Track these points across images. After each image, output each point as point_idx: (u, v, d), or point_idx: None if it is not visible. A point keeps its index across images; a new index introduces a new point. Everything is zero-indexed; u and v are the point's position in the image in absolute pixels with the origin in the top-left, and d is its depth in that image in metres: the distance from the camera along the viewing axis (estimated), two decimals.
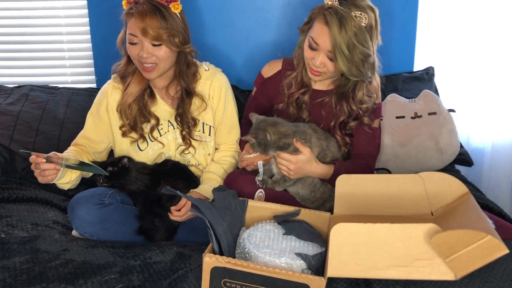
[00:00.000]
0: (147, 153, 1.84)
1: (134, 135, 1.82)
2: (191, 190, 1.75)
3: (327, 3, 1.63)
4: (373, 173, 1.85)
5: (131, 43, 1.70)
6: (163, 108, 1.85)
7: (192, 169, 1.89)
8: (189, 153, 1.87)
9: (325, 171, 1.68)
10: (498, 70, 2.45)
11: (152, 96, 1.84)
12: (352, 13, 1.58)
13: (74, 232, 1.67)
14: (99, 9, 2.41)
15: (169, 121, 1.86)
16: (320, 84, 1.83)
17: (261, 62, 1.97)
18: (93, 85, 2.55)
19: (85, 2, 2.46)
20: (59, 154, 1.63)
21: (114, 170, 1.71)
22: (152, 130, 1.83)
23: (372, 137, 1.83)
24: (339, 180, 1.51)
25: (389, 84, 2.42)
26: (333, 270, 1.18)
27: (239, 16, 2.43)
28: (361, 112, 1.77)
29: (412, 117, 2.19)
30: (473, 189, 2.07)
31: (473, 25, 2.44)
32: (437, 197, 1.44)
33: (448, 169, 2.22)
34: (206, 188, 1.76)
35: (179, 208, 1.67)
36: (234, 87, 2.35)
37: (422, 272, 1.16)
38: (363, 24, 1.58)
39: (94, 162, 1.79)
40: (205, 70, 1.88)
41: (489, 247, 1.12)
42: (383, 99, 2.25)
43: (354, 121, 1.79)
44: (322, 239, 1.38)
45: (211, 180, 1.82)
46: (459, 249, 1.13)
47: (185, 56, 1.80)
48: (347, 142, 1.81)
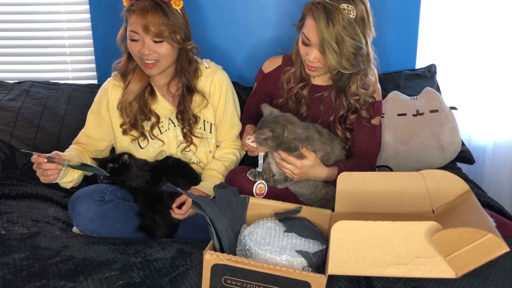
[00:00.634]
0: (147, 151, 1.84)
1: (134, 133, 1.82)
2: (192, 187, 1.75)
3: None
4: (374, 170, 1.85)
5: (132, 40, 1.70)
6: (163, 106, 1.85)
7: (193, 166, 1.88)
8: (190, 150, 1.87)
9: (330, 174, 1.68)
10: (501, 68, 2.45)
11: (152, 94, 1.84)
12: (340, 6, 1.57)
13: (75, 229, 1.67)
14: (101, 5, 2.41)
15: (169, 118, 1.85)
16: (319, 79, 1.83)
17: (263, 59, 1.97)
18: (94, 81, 2.55)
19: None
20: (61, 154, 1.63)
21: (114, 166, 1.71)
22: (152, 128, 1.83)
23: (372, 135, 1.83)
24: (340, 177, 1.51)
25: (391, 81, 2.41)
26: (334, 267, 1.18)
27: (242, 13, 2.42)
28: (358, 105, 1.77)
29: (414, 115, 2.18)
30: (475, 187, 2.07)
31: (475, 23, 2.43)
32: (438, 195, 1.44)
33: (450, 166, 2.22)
34: (207, 185, 1.76)
35: (179, 203, 1.67)
36: (236, 84, 2.35)
37: (423, 270, 1.16)
38: (351, 16, 1.58)
39: (94, 159, 1.79)
40: (206, 67, 1.88)
41: (489, 245, 1.12)
42: (384, 96, 2.24)
43: (353, 114, 1.79)
44: (323, 237, 1.38)
45: (212, 177, 1.82)
46: (460, 247, 1.13)
47: (186, 52, 1.80)
48: (347, 137, 1.81)
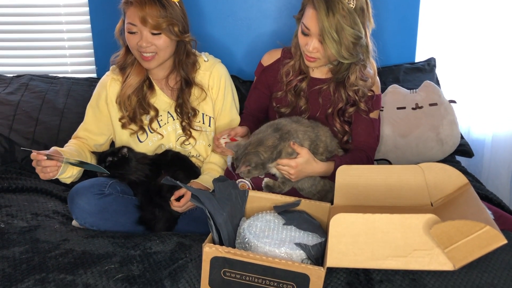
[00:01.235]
0: (146, 145, 1.84)
1: (133, 127, 1.82)
2: (192, 180, 1.75)
3: None
4: (372, 164, 1.85)
5: (130, 32, 1.70)
6: (162, 100, 1.85)
7: (193, 160, 1.88)
8: (190, 144, 1.87)
9: (326, 169, 1.67)
10: (500, 62, 2.45)
11: (151, 87, 1.84)
12: None
13: (74, 222, 1.67)
14: None
15: (168, 112, 1.85)
16: (318, 72, 1.83)
17: (262, 52, 1.96)
18: (93, 75, 2.55)
19: None
20: (60, 150, 1.63)
21: (114, 160, 1.71)
22: (151, 121, 1.83)
23: (371, 128, 1.82)
24: (339, 171, 1.51)
25: (390, 75, 2.41)
26: (333, 260, 1.18)
27: (241, 6, 2.41)
28: (357, 97, 1.77)
29: (413, 108, 2.18)
30: (473, 180, 2.07)
31: (475, 17, 2.42)
32: (437, 188, 1.44)
33: (449, 160, 2.22)
34: (206, 179, 1.76)
35: (178, 196, 1.67)
36: (235, 78, 2.35)
37: (421, 262, 1.17)
38: (351, 6, 1.57)
39: (94, 153, 1.79)
40: (205, 61, 1.88)
41: (487, 238, 1.12)
42: (384, 89, 2.24)
43: (352, 107, 1.79)
44: (322, 230, 1.38)
45: (211, 170, 1.82)
46: (458, 240, 1.13)
47: (184, 45, 1.80)
48: (346, 130, 1.81)
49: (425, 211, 1.40)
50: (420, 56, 2.52)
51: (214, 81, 1.88)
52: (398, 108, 2.19)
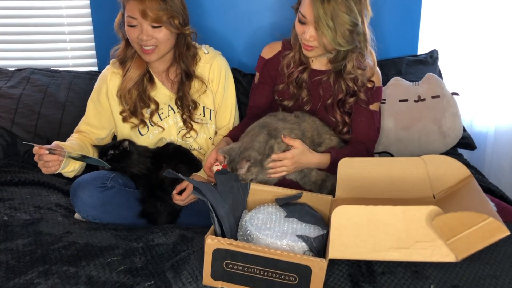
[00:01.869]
0: (147, 138, 1.84)
1: (134, 120, 1.83)
2: (193, 173, 1.75)
3: None
4: (372, 156, 1.84)
5: (130, 26, 1.70)
6: (163, 93, 1.85)
7: (194, 153, 1.88)
8: (191, 137, 1.87)
9: (322, 160, 1.66)
10: (503, 54, 2.43)
11: (151, 81, 1.84)
12: None
13: (77, 215, 1.67)
14: None
15: (169, 105, 1.85)
16: (318, 64, 1.82)
17: (264, 45, 1.94)
18: (95, 68, 2.54)
19: None
20: (62, 145, 1.63)
21: (115, 153, 1.71)
22: (152, 115, 1.83)
23: (371, 120, 1.81)
24: (341, 163, 1.51)
25: (393, 67, 2.40)
26: (335, 252, 1.18)
27: None
28: (356, 87, 1.76)
29: (416, 101, 2.17)
30: (476, 172, 2.07)
31: (477, 9, 2.41)
32: (439, 180, 1.44)
33: (451, 152, 2.22)
34: None
35: (180, 190, 1.67)
36: (236, 71, 2.34)
37: (423, 254, 1.16)
38: None
39: (95, 146, 1.80)
40: (205, 53, 1.88)
41: (490, 229, 1.12)
42: (386, 82, 2.24)
43: (352, 97, 1.78)
44: (323, 222, 1.38)
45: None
46: (460, 231, 1.13)
47: (184, 38, 1.80)
48: (346, 121, 1.80)
49: (427, 203, 1.39)
50: (423, 49, 2.50)
51: (214, 73, 1.88)
52: (400, 101, 2.18)
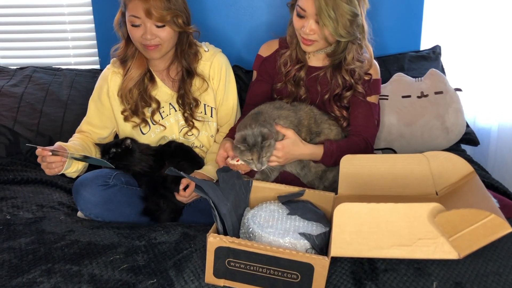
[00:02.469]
0: (149, 136, 1.84)
1: (135, 119, 1.83)
2: (195, 171, 1.75)
3: None
4: (372, 150, 1.83)
5: (134, 25, 1.69)
6: (164, 91, 1.85)
7: (196, 150, 1.88)
8: (193, 134, 1.87)
9: (314, 151, 1.65)
10: (506, 50, 2.42)
11: (152, 80, 1.84)
12: None
13: (80, 214, 1.68)
14: None
15: (170, 103, 1.85)
16: (315, 60, 1.82)
17: (265, 42, 1.94)
18: (97, 66, 2.55)
19: None
20: (64, 145, 1.63)
21: (117, 151, 1.72)
22: (153, 114, 1.83)
23: (369, 112, 1.79)
24: (343, 160, 1.51)
25: (395, 63, 2.40)
26: (337, 249, 1.18)
27: None
28: (353, 80, 1.75)
29: (418, 96, 2.17)
30: (479, 168, 2.06)
31: (480, 4, 2.40)
32: (442, 177, 1.43)
33: (454, 148, 2.21)
34: (210, 169, 1.76)
35: (183, 186, 1.67)
36: (238, 67, 2.34)
37: (426, 251, 1.16)
38: None
39: (98, 144, 1.80)
40: (205, 51, 1.88)
41: (492, 226, 1.12)
42: (389, 78, 2.23)
43: (348, 91, 1.77)
44: (326, 219, 1.38)
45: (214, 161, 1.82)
46: (462, 228, 1.13)
47: (187, 36, 1.79)
48: (344, 115, 1.79)
49: (430, 200, 1.39)
50: (425, 44, 2.50)
51: (215, 71, 1.87)
52: (403, 97, 2.18)
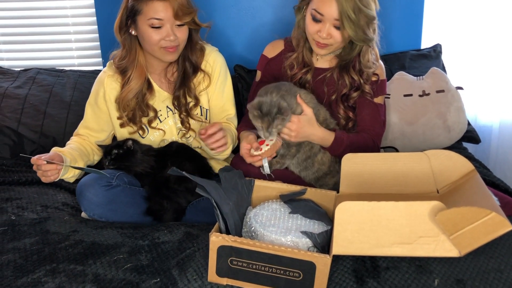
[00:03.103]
0: (148, 140, 1.84)
1: (133, 126, 1.81)
2: None
3: None
4: (378, 150, 1.84)
5: (154, 27, 1.65)
6: (160, 95, 1.83)
7: (198, 150, 1.88)
8: (190, 136, 1.86)
9: (326, 135, 1.67)
10: (507, 47, 2.42)
11: (150, 87, 1.81)
12: None
13: (83, 214, 1.68)
14: None
15: (167, 106, 1.83)
16: (322, 62, 1.82)
17: (266, 42, 1.94)
18: (100, 67, 2.55)
19: None
20: (59, 151, 1.64)
21: (119, 152, 1.72)
22: (150, 122, 1.82)
23: (376, 113, 1.81)
24: (345, 159, 1.51)
25: (396, 62, 2.40)
26: (339, 248, 1.19)
27: None
28: (362, 80, 1.76)
29: (420, 95, 2.17)
30: (480, 166, 2.06)
31: (481, 2, 2.40)
32: (442, 175, 1.44)
33: (456, 146, 2.21)
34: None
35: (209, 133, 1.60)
36: (240, 67, 2.35)
37: (427, 249, 1.17)
38: None
39: (100, 146, 1.81)
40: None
41: (493, 224, 1.12)
42: (390, 77, 2.23)
43: (356, 91, 1.78)
44: (328, 218, 1.39)
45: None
46: (463, 226, 1.14)
47: (196, 32, 1.78)
48: (350, 116, 1.80)
49: (431, 198, 1.39)
50: (426, 43, 2.50)
51: (211, 69, 1.84)
52: (405, 96, 2.18)
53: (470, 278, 1.20)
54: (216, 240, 1.19)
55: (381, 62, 1.82)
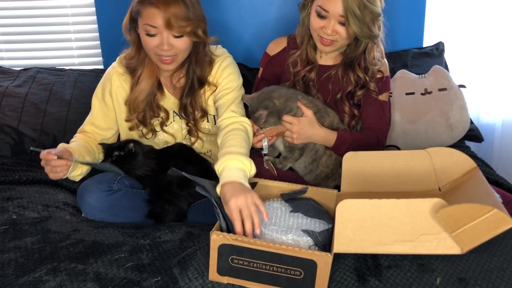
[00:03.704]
0: (152, 142, 1.81)
1: (143, 129, 1.77)
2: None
3: None
4: (383, 147, 1.84)
5: (149, 35, 1.58)
6: (168, 99, 1.78)
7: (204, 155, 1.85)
8: (197, 143, 1.81)
9: (328, 135, 1.68)
10: (510, 45, 2.41)
11: (160, 88, 1.75)
12: None
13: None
14: None
15: (174, 111, 1.78)
16: (326, 59, 1.82)
17: (268, 40, 1.95)
18: (100, 67, 2.56)
19: None
20: (67, 147, 1.61)
21: (120, 154, 1.70)
22: (162, 125, 1.77)
23: (381, 111, 1.81)
24: (346, 157, 1.51)
25: (398, 60, 2.40)
26: (340, 246, 1.18)
27: None
28: (367, 78, 1.76)
29: (422, 93, 2.17)
30: (483, 165, 2.06)
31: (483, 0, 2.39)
32: (444, 173, 1.43)
33: (458, 145, 2.21)
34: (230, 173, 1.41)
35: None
36: (242, 65, 2.34)
37: (428, 247, 1.16)
38: None
39: (102, 144, 1.78)
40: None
41: (495, 221, 1.11)
42: (392, 75, 2.23)
43: (361, 89, 1.78)
44: (329, 216, 1.38)
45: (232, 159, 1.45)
46: (465, 223, 1.13)
47: (203, 45, 1.69)
48: (355, 114, 1.80)
49: (433, 196, 1.38)
50: (428, 41, 2.50)
51: (218, 76, 1.74)
52: (407, 94, 2.18)
53: (472, 277, 1.20)
54: (217, 238, 1.19)
55: (384, 58, 1.82)
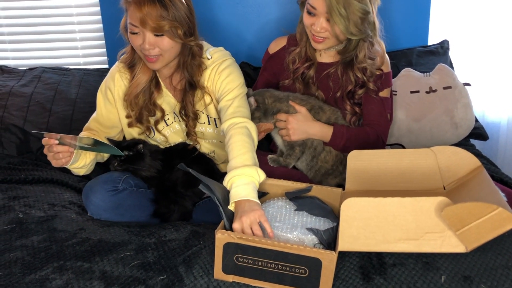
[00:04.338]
0: (154, 141, 1.82)
1: (140, 126, 1.78)
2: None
3: None
4: (383, 145, 1.84)
5: (132, 33, 1.58)
6: (168, 100, 1.77)
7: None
8: (197, 144, 1.81)
9: (324, 128, 1.69)
10: None
11: (158, 86, 1.75)
12: None
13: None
14: None
15: (174, 112, 1.78)
16: (326, 57, 1.82)
17: (272, 39, 1.95)
18: (105, 66, 2.56)
19: None
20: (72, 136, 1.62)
21: (129, 155, 1.70)
22: (156, 123, 1.77)
23: (381, 107, 1.80)
24: (351, 155, 1.50)
25: (403, 58, 2.39)
26: (344, 244, 1.19)
27: None
28: (365, 77, 1.75)
29: (427, 92, 2.16)
30: (488, 163, 2.05)
31: None
32: (449, 171, 1.43)
33: (463, 143, 2.20)
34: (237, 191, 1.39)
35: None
36: (246, 64, 2.35)
37: (433, 245, 1.16)
38: None
39: (110, 140, 1.76)
40: (208, 59, 1.72)
41: (500, 219, 1.12)
42: (397, 73, 2.22)
43: (361, 89, 1.77)
44: (334, 215, 1.39)
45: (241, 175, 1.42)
46: (469, 222, 1.13)
47: (189, 47, 1.66)
48: (356, 111, 1.80)
49: (437, 194, 1.39)
50: (433, 39, 2.49)
51: (215, 81, 1.71)
52: (411, 92, 2.17)
53: (477, 275, 1.20)
54: (222, 237, 1.19)
55: (386, 56, 1.82)
